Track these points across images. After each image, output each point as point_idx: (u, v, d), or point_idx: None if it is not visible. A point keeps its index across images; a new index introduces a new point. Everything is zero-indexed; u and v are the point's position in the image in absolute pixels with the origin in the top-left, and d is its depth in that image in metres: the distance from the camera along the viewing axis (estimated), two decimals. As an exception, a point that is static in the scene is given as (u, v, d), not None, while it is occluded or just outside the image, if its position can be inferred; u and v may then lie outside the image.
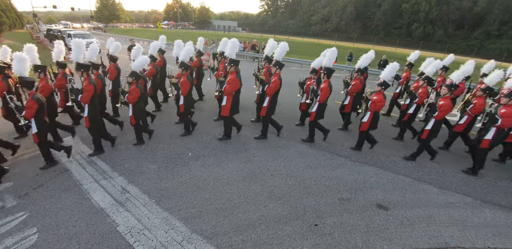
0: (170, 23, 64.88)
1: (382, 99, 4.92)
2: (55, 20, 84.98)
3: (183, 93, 5.39)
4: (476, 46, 36.42)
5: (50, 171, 4.47)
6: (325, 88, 5.31)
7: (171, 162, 4.83)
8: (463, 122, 5.36)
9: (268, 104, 5.50)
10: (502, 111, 4.43)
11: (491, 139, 4.53)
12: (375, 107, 4.95)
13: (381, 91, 5.02)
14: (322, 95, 5.32)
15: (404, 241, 3.25)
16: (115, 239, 3.12)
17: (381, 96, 4.94)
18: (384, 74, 5.20)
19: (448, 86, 4.80)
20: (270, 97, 5.46)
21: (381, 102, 4.91)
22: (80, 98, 4.53)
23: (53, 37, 25.64)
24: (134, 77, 4.98)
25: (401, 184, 4.48)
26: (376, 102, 4.91)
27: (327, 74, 5.36)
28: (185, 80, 5.30)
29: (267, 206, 3.77)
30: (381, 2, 48.17)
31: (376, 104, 4.92)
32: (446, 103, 4.65)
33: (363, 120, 5.20)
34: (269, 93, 5.41)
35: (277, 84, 5.30)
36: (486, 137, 4.57)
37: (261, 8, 78.54)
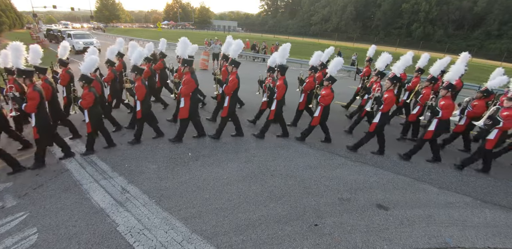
0: (170, 23, 64.92)
1: (330, 93, 5.20)
2: (55, 20, 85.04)
3: (138, 98, 5.06)
4: (476, 46, 36.46)
5: (50, 171, 4.47)
6: (280, 85, 5.34)
7: (171, 162, 4.83)
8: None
9: (229, 103, 5.39)
10: (441, 103, 4.77)
11: (433, 129, 4.83)
12: (324, 101, 5.21)
13: (328, 86, 5.27)
14: (278, 92, 5.34)
15: (404, 241, 3.25)
16: (115, 239, 3.12)
17: (329, 90, 5.21)
18: (330, 69, 5.43)
19: (390, 79, 5.03)
20: (229, 96, 5.36)
21: (329, 96, 5.20)
22: (24, 107, 4.14)
23: (53, 37, 25.68)
24: (84, 81, 4.61)
25: (401, 184, 4.48)
26: (325, 96, 5.19)
27: (281, 71, 5.42)
28: (139, 85, 4.98)
29: (267, 206, 3.77)
30: (381, 2, 48.22)
31: (325, 98, 5.19)
32: (390, 96, 4.88)
33: (314, 114, 5.46)
34: (227, 92, 5.32)
35: (234, 83, 5.22)
36: (429, 128, 4.88)
37: (261, 8, 78.75)
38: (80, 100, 4.64)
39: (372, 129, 5.10)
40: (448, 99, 4.73)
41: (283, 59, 5.69)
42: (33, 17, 41.93)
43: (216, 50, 15.10)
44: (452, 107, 4.73)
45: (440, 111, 4.68)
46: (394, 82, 5.00)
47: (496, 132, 4.60)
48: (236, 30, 62.00)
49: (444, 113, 4.66)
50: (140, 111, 5.18)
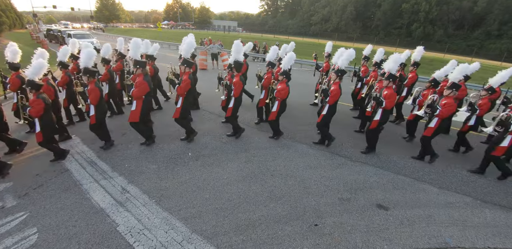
0: (170, 23, 64.90)
1: (285, 87, 5.28)
2: (55, 20, 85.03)
3: (92, 102, 4.69)
4: (476, 46, 36.43)
5: (50, 171, 4.47)
6: (237, 82, 5.31)
7: (171, 162, 4.83)
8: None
9: (182, 104, 5.18)
10: (385, 93, 4.92)
11: (379, 119, 5.03)
12: (280, 95, 5.28)
13: (283, 80, 5.34)
14: (235, 90, 5.32)
15: (404, 241, 3.25)
16: (115, 239, 3.12)
17: (284, 85, 5.29)
18: (284, 64, 5.48)
19: (336, 72, 5.21)
20: (183, 97, 5.17)
21: (285, 90, 5.27)
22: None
23: (53, 37, 25.69)
24: (31, 87, 4.28)
25: (401, 184, 4.48)
26: (280, 90, 5.26)
27: (236, 68, 5.40)
28: (92, 88, 4.65)
29: (267, 206, 3.77)
30: (381, 2, 48.20)
31: (281, 92, 5.26)
32: (335, 89, 5.08)
33: (272, 109, 5.52)
34: (181, 93, 5.12)
35: (187, 84, 5.04)
36: (375, 118, 5.05)
37: (261, 8, 78.64)
38: (29, 108, 4.31)
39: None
40: (390, 89, 4.93)
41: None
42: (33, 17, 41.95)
43: (215, 50, 15.10)
44: (394, 97, 4.91)
45: (384, 101, 4.87)
46: (339, 74, 5.17)
47: (436, 120, 4.82)
48: (236, 30, 61.98)
49: (387, 103, 4.85)
50: (94, 116, 4.78)
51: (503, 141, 4.49)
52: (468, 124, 5.50)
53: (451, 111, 4.78)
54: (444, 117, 4.80)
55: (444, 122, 4.94)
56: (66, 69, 5.97)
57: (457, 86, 4.83)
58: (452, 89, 4.78)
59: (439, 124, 4.82)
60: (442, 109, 4.73)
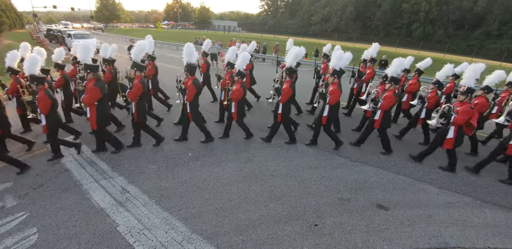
0: (170, 23, 64.90)
1: (239, 88, 5.22)
2: (55, 20, 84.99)
3: (42, 112, 4.42)
4: (476, 46, 36.42)
5: (50, 171, 4.47)
6: (190, 86, 5.00)
7: (171, 162, 4.83)
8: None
9: (136, 108, 4.91)
10: (330, 89, 5.07)
11: (327, 115, 5.18)
12: (235, 96, 5.24)
13: (239, 81, 5.31)
14: (189, 93, 5.03)
15: (404, 241, 3.25)
16: (115, 239, 3.12)
17: (238, 86, 5.25)
18: (238, 64, 5.42)
19: (286, 70, 5.25)
20: (135, 102, 4.88)
21: (239, 91, 5.22)
22: None
23: (53, 37, 25.69)
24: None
25: (401, 184, 4.48)
26: (235, 91, 5.23)
27: (190, 71, 5.09)
28: (41, 96, 4.35)
29: (267, 206, 3.77)
30: (381, 2, 48.20)
31: (235, 93, 5.22)
32: (286, 87, 5.13)
33: (231, 111, 5.46)
34: (132, 98, 4.85)
35: (138, 88, 4.73)
36: (323, 114, 5.22)
37: (261, 8, 78.66)
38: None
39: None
40: (335, 85, 5.06)
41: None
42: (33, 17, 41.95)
43: (214, 50, 15.09)
44: (337, 93, 5.01)
45: (328, 97, 5.00)
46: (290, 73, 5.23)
47: (379, 113, 5.14)
48: (236, 30, 61.97)
49: (331, 98, 4.99)
50: (45, 126, 4.52)
51: (448, 133, 4.65)
52: (421, 117, 5.85)
53: (391, 103, 5.03)
54: (386, 110, 5.07)
55: (388, 114, 5.18)
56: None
57: (396, 79, 5.10)
58: (391, 83, 5.05)
59: (382, 116, 5.12)
60: (383, 101, 5.01)
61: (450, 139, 4.62)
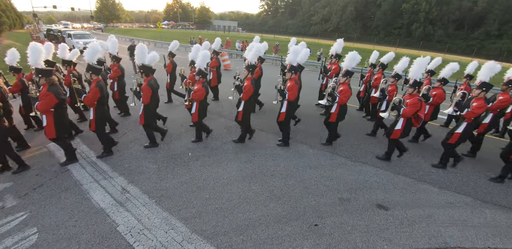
0: (170, 23, 64.88)
1: (200, 88, 5.08)
2: (55, 20, 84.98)
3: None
4: (476, 46, 36.43)
5: (50, 171, 4.47)
6: (144, 87, 4.79)
7: (171, 162, 4.83)
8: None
9: (94, 115, 4.64)
10: (288, 85, 5.12)
11: (284, 111, 5.20)
12: (196, 96, 5.09)
13: (200, 81, 5.17)
14: (144, 96, 4.82)
15: (404, 241, 3.25)
16: (115, 239, 3.12)
17: (200, 86, 5.11)
18: (198, 63, 5.30)
19: (247, 67, 5.21)
20: (94, 107, 4.62)
21: (200, 91, 5.07)
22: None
23: (53, 37, 25.68)
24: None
25: (401, 184, 4.48)
26: (196, 91, 5.09)
27: (145, 72, 4.92)
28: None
29: (267, 206, 3.77)
30: (381, 2, 48.19)
31: (197, 93, 5.08)
32: (247, 85, 5.07)
33: (191, 111, 5.35)
34: (89, 104, 4.60)
35: (95, 92, 4.49)
36: (281, 111, 5.25)
37: (261, 8, 78.59)
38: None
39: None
40: (292, 80, 5.11)
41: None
42: (33, 17, 41.93)
43: None
44: (295, 89, 5.07)
45: (286, 93, 5.03)
46: (250, 69, 5.17)
47: (335, 107, 5.25)
48: (236, 30, 61.95)
49: (289, 95, 5.04)
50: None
51: (397, 124, 4.81)
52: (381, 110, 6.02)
53: (347, 97, 5.15)
54: (342, 103, 5.21)
55: (343, 107, 5.27)
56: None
57: (350, 73, 5.23)
58: (346, 77, 5.13)
59: (338, 109, 5.22)
60: (340, 95, 5.13)
61: (397, 130, 4.81)
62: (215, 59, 7.87)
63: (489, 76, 5.10)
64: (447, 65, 6.12)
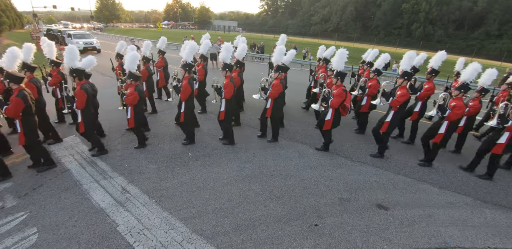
0: (170, 23, 64.87)
1: (133, 92, 4.80)
2: (55, 20, 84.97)
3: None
4: (476, 46, 36.43)
5: (50, 171, 4.47)
6: (79, 92, 4.53)
7: (171, 162, 4.83)
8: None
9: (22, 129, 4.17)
10: (223, 83, 5.12)
11: (224, 110, 5.21)
12: (129, 101, 4.83)
13: (132, 84, 4.89)
14: (78, 101, 4.56)
15: (404, 241, 3.25)
16: (115, 239, 3.12)
17: (132, 89, 4.82)
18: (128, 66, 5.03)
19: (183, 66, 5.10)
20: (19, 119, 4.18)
21: (133, 95, 4.79)
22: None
23: (53, 37, 25.68)
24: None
25: (401, 184, 4.48)
26: (129, 95, 4.83)
27: (78, 76, 4.63)
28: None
29: (267, 206, 3.77)
30: (381, 2, 48.19)
31: (129, 98, 4.81)
32: (184, 84, 4.98)
33: (127, 116, 5.07)
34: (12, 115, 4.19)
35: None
36: (221, 109, 5.24)
37: (261, 8, 78.60)
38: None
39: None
40: (227, 78, 5.12)
41: None
42: (33, 17, 41.92)
43: (214, 50, 15.09)
44: (231, 87, 5.08)
45: (223, 91, 5.07)
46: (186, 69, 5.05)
47: (330, 114, 5.14)
48: (236, 30, 61.95)
49: (226, 92, 5.04)
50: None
51: (326, 115, 5.05)
52: (362, 104, 6.17)
53: (279, 91, 5.20)
54: (274, 97, 5.23)
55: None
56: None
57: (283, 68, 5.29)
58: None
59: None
60: (271, 90, 5.19)
61: (328, 121, 5.05)
62: (161, 59, 7.63)
63: (410, 65, 5.51)
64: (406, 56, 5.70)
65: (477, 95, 5.14)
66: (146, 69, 6.73)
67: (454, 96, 4.62)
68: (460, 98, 4.58)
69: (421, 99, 5.67)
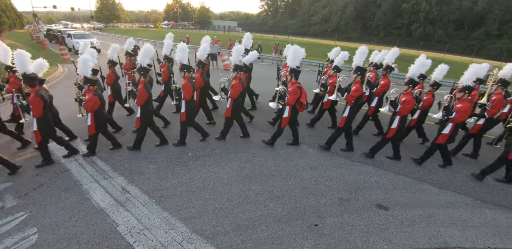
0: (170, 23, 64.86)
1: (91, 97, 4.54)
2: (55, 20, 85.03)
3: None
4: (476, 46, 36.40)
5: (50, 171, 4.47)
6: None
7: (171, 162, 4.83)
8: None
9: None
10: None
11: (184, 111, 5.16)
12: (88, 107, 4.59)
13: (91, 89, 4.61)
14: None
15: (404, 241, 3.25)
16: (115, 239, 3.12)
17: (90, 95, 4.56)
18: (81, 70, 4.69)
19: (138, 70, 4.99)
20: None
21: (92, 100, 4.54)
22: None
23: (53, 37, 25.69)
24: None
25: (401, 184, 4.48)
26: (88, 101, 4.57)
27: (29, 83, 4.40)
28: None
29: (267, 206, 3.77)
30: (381, 2, 48.15)
31: (88, 104, 4.55)
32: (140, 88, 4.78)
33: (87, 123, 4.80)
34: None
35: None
36: (182, 110, 5.19)
37: (261, 8, 78.51)
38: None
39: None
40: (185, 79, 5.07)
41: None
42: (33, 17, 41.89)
43: (214, 50, 15.11)
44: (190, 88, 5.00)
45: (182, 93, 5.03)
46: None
47: (229, 101, 5.34)
48: (236, 30, 61.94)
49: (185, 93, 4.99)
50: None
51: (284, 112, 5.14)
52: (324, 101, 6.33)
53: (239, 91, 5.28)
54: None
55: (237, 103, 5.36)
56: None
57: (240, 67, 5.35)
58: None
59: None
60: (231, 90, 5.25)
61: (285, 118, 5.13)
62: (129, 61, 7.34)
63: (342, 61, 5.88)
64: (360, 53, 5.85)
65: (430, 89, 5.39)
66: (112, 72, 6.28)
67: (404, 91, 4.85)
68: (410, 92, 4.80)
69: (377, 95, 5.94)
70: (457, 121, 4.54)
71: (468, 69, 4.78)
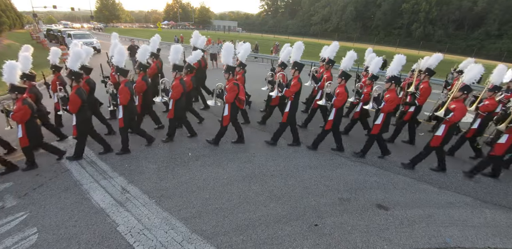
0: (170, 23, 64.88)
1: (21, 107, 4.13)
2: (55, 20, 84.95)
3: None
4: (476, 46, 36.44)
5: (50, 171, 4.47)
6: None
7: (171, 162, 4.83)
8: None
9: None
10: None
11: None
12: (17, 118, 4.16)
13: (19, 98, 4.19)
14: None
15: (404, 241, 3.25)
16: (115, 239, 3.12)
17: (20, 104, 4.14)
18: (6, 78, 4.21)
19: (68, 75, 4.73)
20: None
21: (21, 111, 4.11)
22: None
23: (53, 37, 25.68)
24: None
25: (401, 184, 4.48)
26: (16, 111, 4.12)
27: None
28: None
29: (267, 206, 3.77)
30: (381, 2, 48.19)
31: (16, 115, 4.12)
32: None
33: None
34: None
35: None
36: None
37: (261, 8, 78.60)
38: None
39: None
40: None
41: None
42: (33, 17, 41.88)
43: (214, 50, 15.12)
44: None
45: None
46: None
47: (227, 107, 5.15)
48: (236, 30, 61.96)
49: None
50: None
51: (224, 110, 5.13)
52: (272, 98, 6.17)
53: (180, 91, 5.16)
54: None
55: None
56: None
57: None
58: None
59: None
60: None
61: (226, 116, 5.17)
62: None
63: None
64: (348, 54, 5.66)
65: (369, 82, 5.60)
66: (58, 78, 5.65)
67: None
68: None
69: (321, 88, 6.10)
70: (386, 110, 4.76)
71: (393, 60, 4.98)
